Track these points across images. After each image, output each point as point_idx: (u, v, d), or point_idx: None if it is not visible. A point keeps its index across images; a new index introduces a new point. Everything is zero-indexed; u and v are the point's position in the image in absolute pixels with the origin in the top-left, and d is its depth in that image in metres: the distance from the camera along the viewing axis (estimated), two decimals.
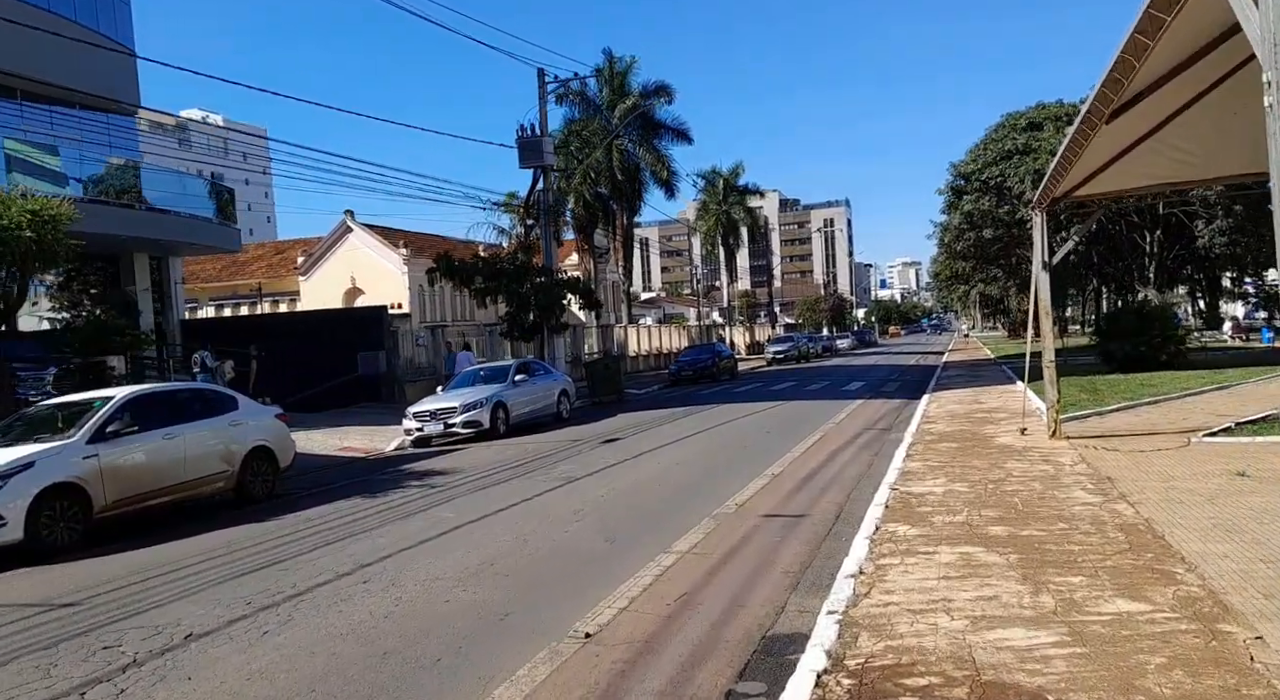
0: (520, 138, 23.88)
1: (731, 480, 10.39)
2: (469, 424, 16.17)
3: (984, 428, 13.54)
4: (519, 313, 22.56)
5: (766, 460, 11.90)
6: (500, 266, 22.45)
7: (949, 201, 54.87)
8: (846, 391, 24.11)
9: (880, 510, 7.97)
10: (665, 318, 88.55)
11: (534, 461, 12.77)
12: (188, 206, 23.55)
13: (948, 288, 76.15)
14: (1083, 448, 10.78)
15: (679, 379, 32.44)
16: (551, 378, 19.06)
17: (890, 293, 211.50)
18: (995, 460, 10.33)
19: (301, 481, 12.31)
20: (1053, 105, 49.28)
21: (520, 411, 17.39)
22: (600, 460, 12.40)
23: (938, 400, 18.91)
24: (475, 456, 14.10)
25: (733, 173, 71.91)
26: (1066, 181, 10.90)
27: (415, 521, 8.87)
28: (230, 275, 53.43)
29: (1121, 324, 23.25)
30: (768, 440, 14.27)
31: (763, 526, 7.97)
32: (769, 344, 52.80)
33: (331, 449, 15.85)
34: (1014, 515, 7.41)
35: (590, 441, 14.73)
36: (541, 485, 10.54)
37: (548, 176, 24.51)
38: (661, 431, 15.91)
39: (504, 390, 17.06)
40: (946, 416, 15.47)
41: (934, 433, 13.33)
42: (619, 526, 8.13)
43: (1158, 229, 43.98)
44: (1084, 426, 13.10)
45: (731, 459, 12.26)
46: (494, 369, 18.34)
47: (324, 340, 24.28)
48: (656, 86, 49.32)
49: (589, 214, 50.32)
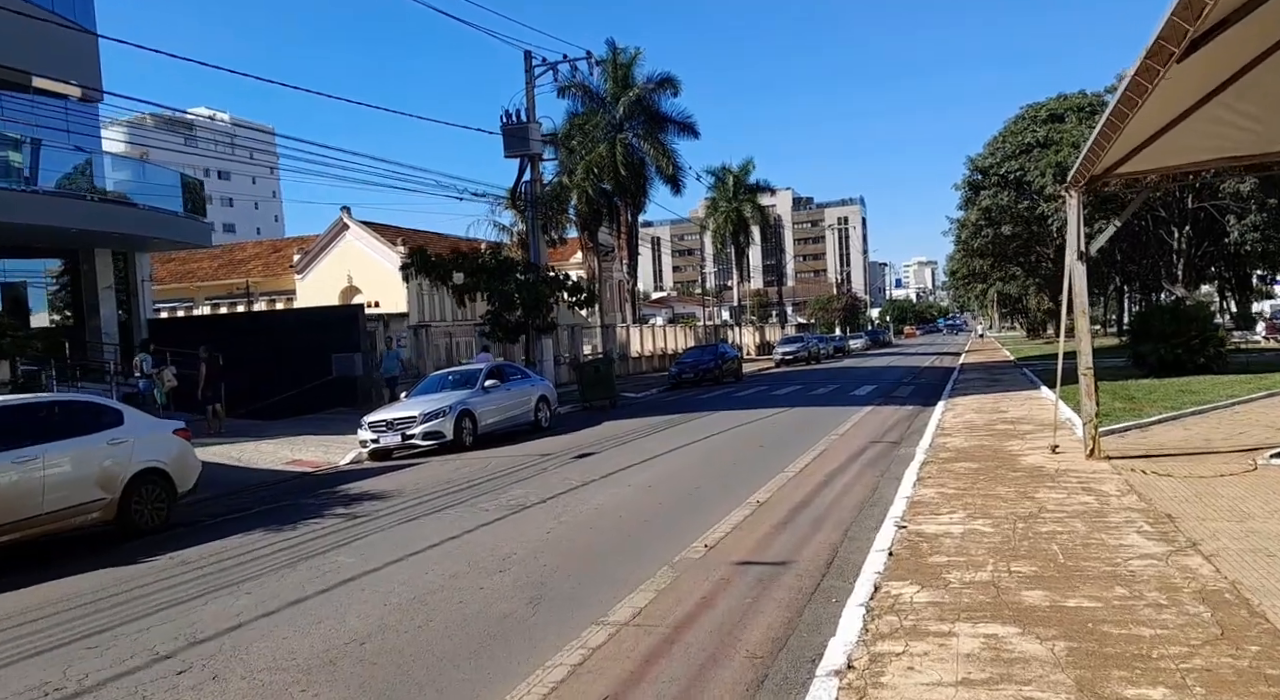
0: (505, 124, 22.29)
1: (707, 510, 8.74)
2: (430, 435, 14.56)
3: (1008, 443, 11.82)
4: (502, 312, 20.95)
5: (754, 481, 10.24)
6: (481, 262, 20.86)
7: (966, 197, 52.91)
8: (855, 396, 22.37)
9: (882, 559, 6.30)
10: (676, 317, 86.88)
11: (488, 482, 11.14)
12: (152, 199, 22.10)
13: (964, 286, 74.07)
14: (1128, 472, 9.05)
15: (680, 382, 30.76)
16: (529, 383, 17.40)
17: (906, 292, 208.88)
18: (1024, 487, 8.62)
19: (215, 506, 10.78)
20: (1075, 96, 47.27)
21: (491, 420, 15.77)
22: (563, 481, 10.76)
23: (954, 408, 17.17)
24: (425, 475, 12.46)
25: (743, 169, 70.22)
26: (1109, 155, 9.18)
27: (304, 569, 7.23)
28: (227, 273, 52.30)
29: (1155, 324, 21.38)
30: (761, 455, 12.60)
31: (733, 580, 6.31)
32: (777, 345, 50.99)
33: (278, 462, 14.30)
34: (1054, 571, 5.72)
35: (561, 456, 13.09)
36: (482, 515, 8.91)
37: (535, 166, 22.91)
38: (644, 444, 14.26)
39: (471, 397, 15.43)
40: (964, 428, 13.75)
41: (950, 448, 11.62)
42: (553, 579, 6.48)
43: (1186, 225, 41.89)
44: (1124, 443, 11.36)
45: (714, 480, 10.60)
46: (463, 373, 16.69)
47: (298, 341, 22.79)
48: (661, 78, 47.69)
49: (593, 211, 48.75)
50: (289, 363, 22.51)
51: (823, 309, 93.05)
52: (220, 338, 23.11)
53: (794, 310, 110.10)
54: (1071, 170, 9.81)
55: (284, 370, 22.28)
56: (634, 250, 51.81)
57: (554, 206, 49.53)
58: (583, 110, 48.50)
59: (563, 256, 58.33)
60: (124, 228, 21.00)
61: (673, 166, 48.46)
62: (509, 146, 22.31)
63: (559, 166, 48.05)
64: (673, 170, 48.76)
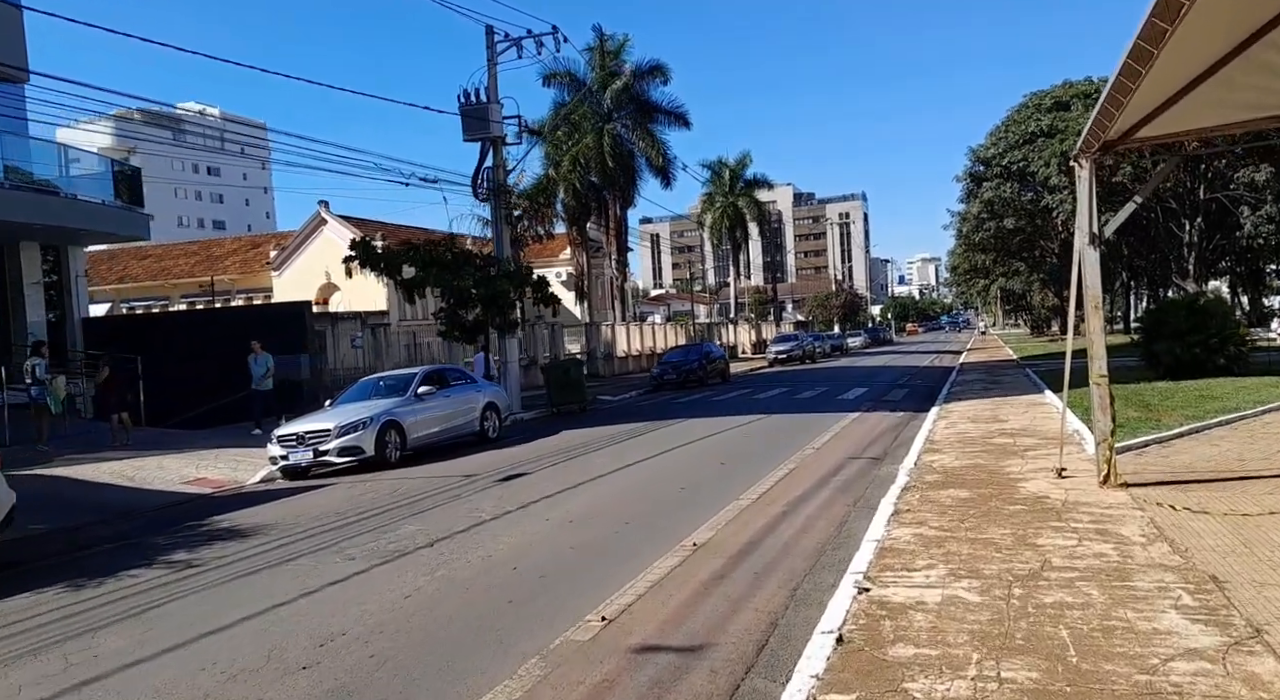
0: (463, 105, 20.51)
1: (628, 556, 7.02)
2: (346, 451, 12.79)
3: (1006, 462, 10.07)
4: (457, 309, 19.21)
5: (700, 513, 8.52)
6: (433, 254, 19.11)
7: (967, 189, 51.04)
8: (843, 401, 20.62)
9: (827, 650, 4.57)
10: (674, 315, 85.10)
11: (383, 514, 9.35)
12: (81, 188, 20.41)
13: (966, 282, 72.21)
14: (1153, 506, 7.31)
15: (662, 383, 29.01)
16: (473, 389, 15.60)
17: (908, 289, 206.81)
18: (1023, 528, 6.88)
19: (50, 543, 9.05)
20: (1080, 83, 45.33)
21: (424, 432, 14.03)
22: (470, 514, 9.00)
23: (948, 415, 15.43)
24: (320, 502, 10.63)
25: (739, 163, 68.39)
26: (1125, 116, 7.43)
27: (45, 660, 5.44)
28: (204, 270, 50.71)
29: (1169, 321, 19.55)
30: (719, 475, 10.87)
31: (619, 682, 4.58)
32: (771, 343, 49.18)
33: (175, 482, 12.59)
34: (1064, 681, 3.99)
35: (488, 477, 11.32)
36: (341, 568, 7.12)
37: (498, 150, 21.13)
38: (592, 461, 12.50)
39: (399, 406, 13.69)
40: (957, 441, 12.01)
41: (938, 470, 9.88)
42: (368, 684, 4.71)
43: (1198, 217, 40.01)
44: (1143, 462, 9.62)
45: (653, 511, 8.88)
46: (395, 378, 14.93)
47: (241, 341, 21.03)
48: (650, 65, 45.91)
49: (581, 205, 47.01)
50: (231, 365, 20.78)
51: (821, 306, 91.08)
52: (157, 339, 21.46)
53: (794, 307, 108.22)
54: (1081, 136, 8.06)
55: (224, 373, 20.56)
56: (623, 245, 49.96)
57: (540, 200, 47.87)
58: (569, 99, 46.76)
59: (552, 252, 56.62)
60: (47, 218, 19.29)
61: (662, 158, 46.69)
62: (468, 129, 20.55)
63: (545, 159, 46.37)
64: (663, 162, 47.00)
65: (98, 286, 49.31)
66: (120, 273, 53.36)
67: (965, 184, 50.59)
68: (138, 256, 56.18)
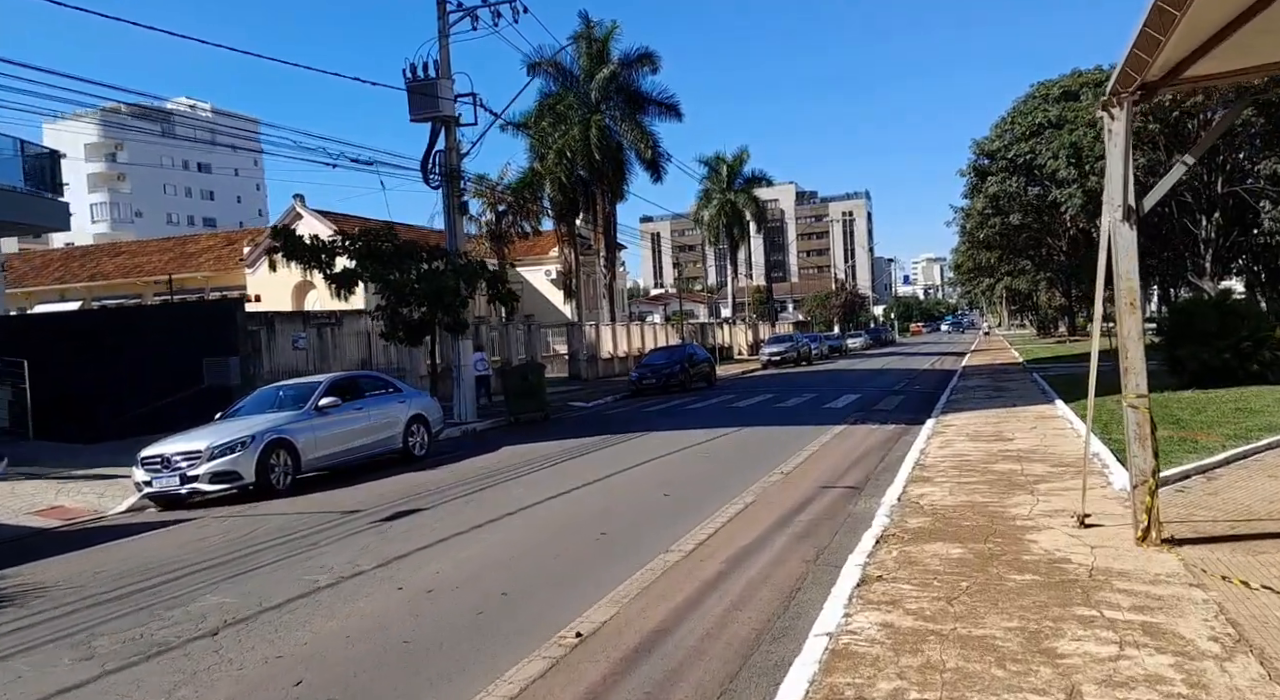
0: (410, 81, 18.45)
1: (470, 664, 4.96)
2: (220, 477, 10.63)
3: (1011, 500, 8.00)
4: (398, 307, 17.16)
5: (607, 577, 6.48)
6: (369, 245, 17.07)
7: (972, 184, 48.82)
8: (830, 410, 18.54)
9: None
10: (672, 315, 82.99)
11: (198, 573, 7.10)
12: None
13: (970, 281, 69.97)
14: (1217, 580, 5.25)
15: (640, 388, 26.91)
16: (395, 400, 13.45)
17: (913, 289, 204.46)
18: (1037, 619, 4.83)
19: None
20: (1090, 71, 43.10)
21: (324, 453, 11.91)
22: (308, 575, 6.81)
23: (945, 430, 13.36)
24: (142, 549, 8.25)
25: (737, 159, 66.15)
26: (1174, 45, 5.37)
27: None
28: (178, 267, 48.88)
29: (1196, 323, 17.42)
30: (655, 514, 8.82)
31: None
32: (764, 344, 47.05)
33: (21, 511, 10.56)
34: None
35: (373, 514, 9.19)
36: (56, 677, 4.91)
37: (451, 132, 19.06)
38: (511, 491, 10.37)
39: (293, 422, 11.55)
40: (952, 467, 9.94)
41: (926, 509, 7.82)
42: None
43: (1215, 212, 37.81)
44: (1188, 501, 7.57)
45: (546, 573, 6.78)
46: (298, 388, 12.77)
47: (172, 343, 19.03)
48: (639, 54, 43.74)
49: (568, 200, 44.94)
50: (160, 368, 18.79)
51: (820, 305, 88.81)
52: (70, 341, 19.45)
53: (795, 307, 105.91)
54: (1113, 75, 5.99)
55: (149, 378, 18.58)
56: (612, 241, 47.77)
57: (526, 195, 45.85)
58: (556, 90, 44.77)
59: (542, 250, 54.67)
60: None
61: (652, 150, 44.59)
62: (415, 107, 18.48)
63: (530, 152, 44.38)
64: (652, 154, 44.91)
65: (69, 285, 47.55)
66: (92, 270, 51.66)
67: (969, 178, 48.43)
68: (111, 253, 54.55)
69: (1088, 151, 38.02)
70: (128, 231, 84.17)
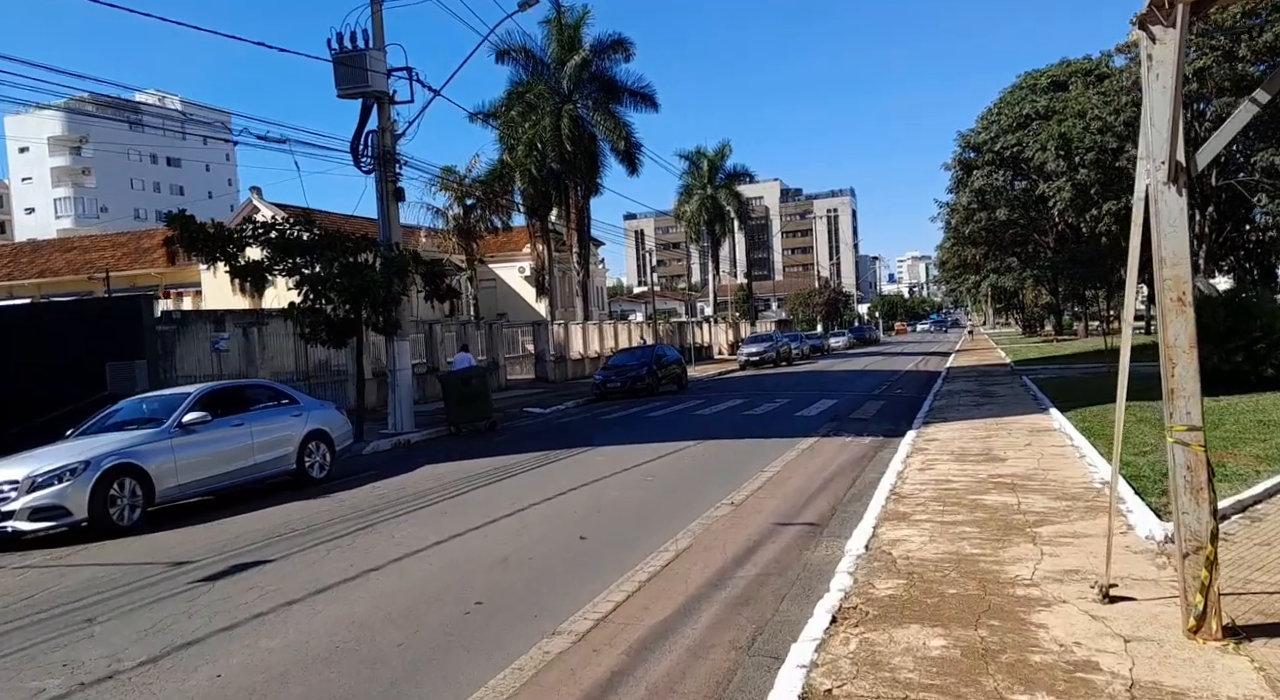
0: (336, 52, 16.56)
1: None
2: (43, 513, 8.58)
3: (1008, 554, 6.26)
4: (316, 304, 15.28)
5: (454, 685, 4.67)
6: (283, 235, 15.19)
7: (957, 178, 47.17)
8: (802, 418, 16.80)
9: None
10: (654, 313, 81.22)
11: None
12: None
13: (955, 278, 68.46)
14: None
15: (606, 391, 25.09)
16: (288, 414, 11.46)
17: (898, 287, 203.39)
18: None
19: None
20: (1079, 60, 41.54)
21: (187, 480, 9.89)
22: (45, 678, 4.92)
23: (927, 446, 11.63)
24: None
25: (718, 153, 64.36)
26: None
27: None
28: (130, 263, 46.73)
29: (1203, 321, 15.73)
30: (558, 569, 7.01)
31: None
32: (742, 344, 45.32)
33: None
34: None
35: (205, 566, 7.18)
36: None
37: (384, 109, 17.17)
38: (396, 531, 8.45)
39: (145, 443, 9.55)
40: (934, 501, 8.19)
41: (900, 566, 6.07)
42: None
43: (1209, 205, 36.32)
44: (1237, 558, 5.87)
45: (368, 683, 4.92)
46: (162, 400, 10.75)
47: (69, 344, 17.09)
48: (612, 40, 41.86)
49: (540, 193, 43.00)
50: (57, 374, 16.85)
51: (803, 304, 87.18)
52: None
53: (779, 305, 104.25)
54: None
55: (45, 384, 16.63)
56: (586, 236, 45.88)
57: (496, 188, 43.95)
58: (527, 78, 42.89)
59: (515, 246, 52.77)
60: None
61: (626, 141, 42.76)
62: (342, 81, 16.59)
63: (500, 143, 42.51)
64: (626, 145, 43.08)
65: (17, 281, 45.30)
66: (41, 266, 49.41)
67: (955, 172, 46.80)
68: (62, 248, 52.29)
69: (1077, 143, 36.45)
70: (93, 227, 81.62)
